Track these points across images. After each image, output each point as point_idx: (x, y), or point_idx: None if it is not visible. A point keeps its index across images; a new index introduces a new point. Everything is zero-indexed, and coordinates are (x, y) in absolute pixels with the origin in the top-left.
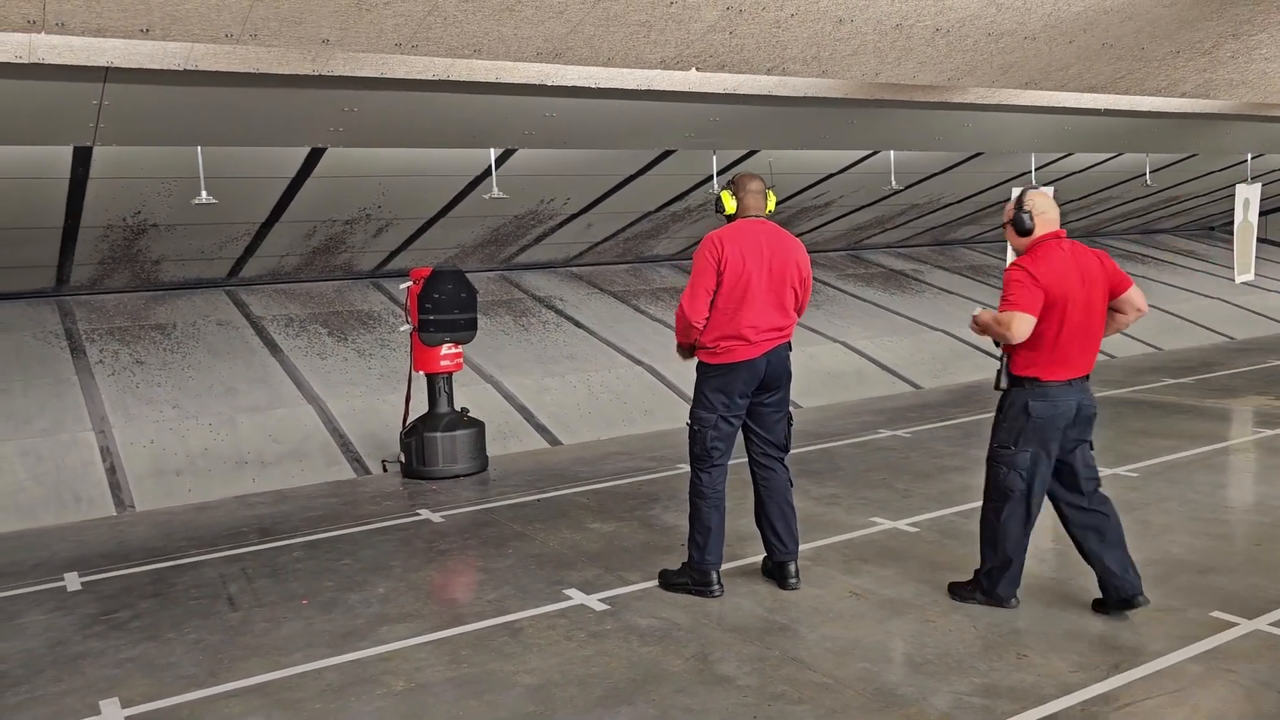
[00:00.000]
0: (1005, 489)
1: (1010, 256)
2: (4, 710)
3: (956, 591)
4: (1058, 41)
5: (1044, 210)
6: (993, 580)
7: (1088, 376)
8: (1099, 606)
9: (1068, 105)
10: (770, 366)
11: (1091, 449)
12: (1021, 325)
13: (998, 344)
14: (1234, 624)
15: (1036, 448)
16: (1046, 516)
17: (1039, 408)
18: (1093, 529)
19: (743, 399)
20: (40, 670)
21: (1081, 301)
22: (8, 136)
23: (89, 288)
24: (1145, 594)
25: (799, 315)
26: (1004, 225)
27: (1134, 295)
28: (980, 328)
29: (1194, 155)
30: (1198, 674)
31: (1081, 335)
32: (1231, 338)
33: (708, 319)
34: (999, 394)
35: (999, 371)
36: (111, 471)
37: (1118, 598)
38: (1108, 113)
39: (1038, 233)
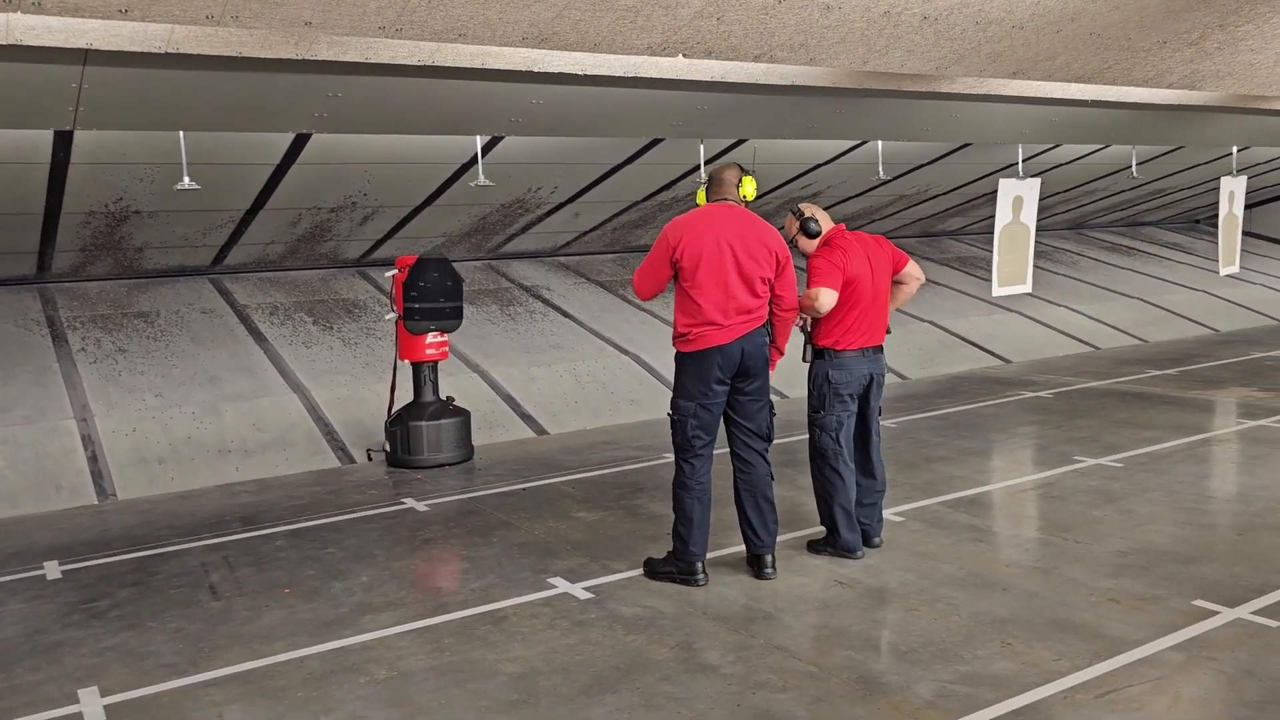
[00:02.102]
0: (820, 449)
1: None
2: None
3: (814, 548)
4: (1045, 31)
5: (820, 216)
6: (837, 534)
7: (880, 347)
8: (813, 547)
9: (1055, 96)
10: (746, 354)
11: (880, 414)
12: (827, 298)
13: (805, 332)
14: (1216, 612)
15: (840, 411)
16: (1031, 507)
17: (838, 375)
18: (862, 484)
19: (720, 385)
20: (18, 659)
21: (869, 281)
22: None
23: (71, 275)
24: (880, 538)
25: (786, 302)
26: (792, 238)
27: (912, 268)
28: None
29: (1180, 148)
30: (1180, 662)
31: (871, 309)
32: (1216, 330)
33: (674, 301)
34: (806, 365)
35: (805, 346)
36: (93, 460)
37: (842, 549)
38: (1095, 104)
39: (824, 232)
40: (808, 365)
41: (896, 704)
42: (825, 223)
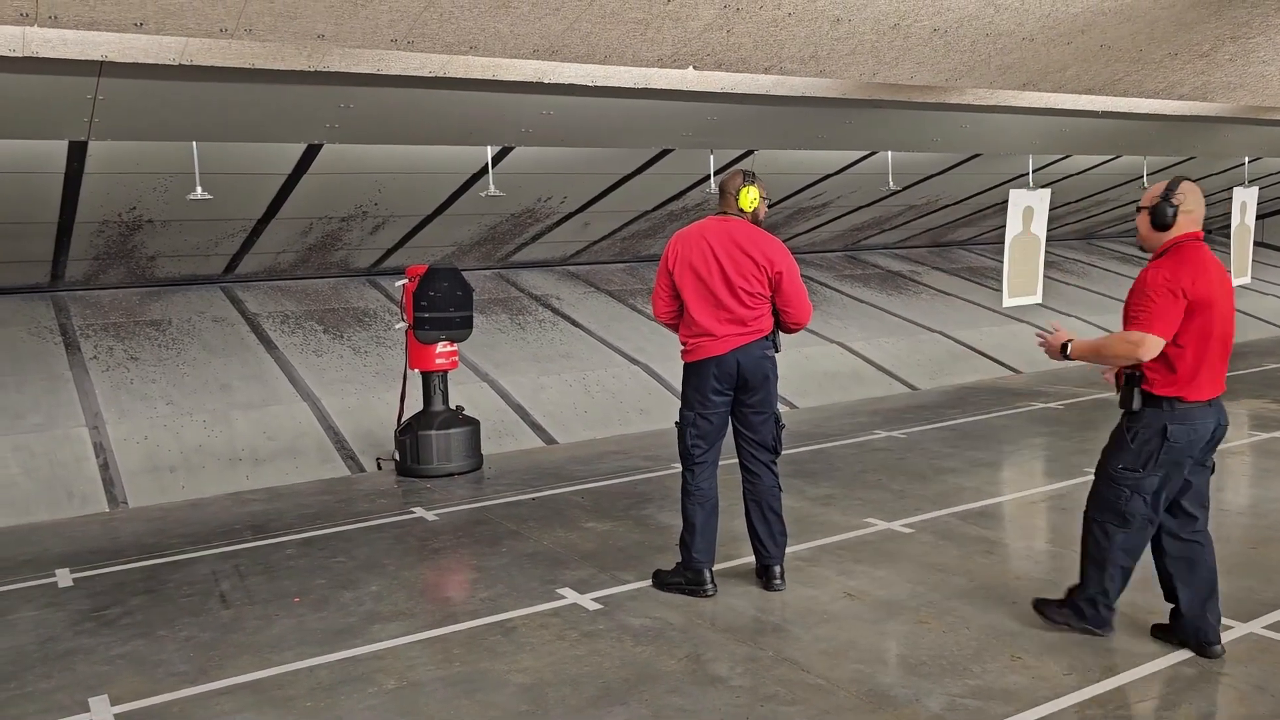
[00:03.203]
0: (1125, 514)
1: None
2: None
3: (1045, 611)
4: (1055, 43)
5: (1191, 208)
6: (1095, 607)
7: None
8: (1159, 633)
9: (1065, 107)
10: (742, 366)
11: (1211, 472)
12: (1153, 348)
13: (1131, 374)
14: (1228, 627)
15: (1167, 472)
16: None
17: (1179, 432)
18: (1185, 560)
19: (718, 396)
20: (30, 667)
21: (1223, 312)
22: (2, 130)
23: (84, 283)
24: (1223, 645)
25: (793, 317)
26: (1138, 210)
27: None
28: (1075, 353)
29: (1191, 158)
30: (1191, 677)
31: (1224, 349)
32: None
33: (678, 316)
34: (1123, 410)
35: (1129, 389)
36: (105, 468)
37: (1195, 641)
38: (1105, 114)
39: (1176, 232)
40: (1126, 410)
41: (906, 717)
42: (1187, 223)
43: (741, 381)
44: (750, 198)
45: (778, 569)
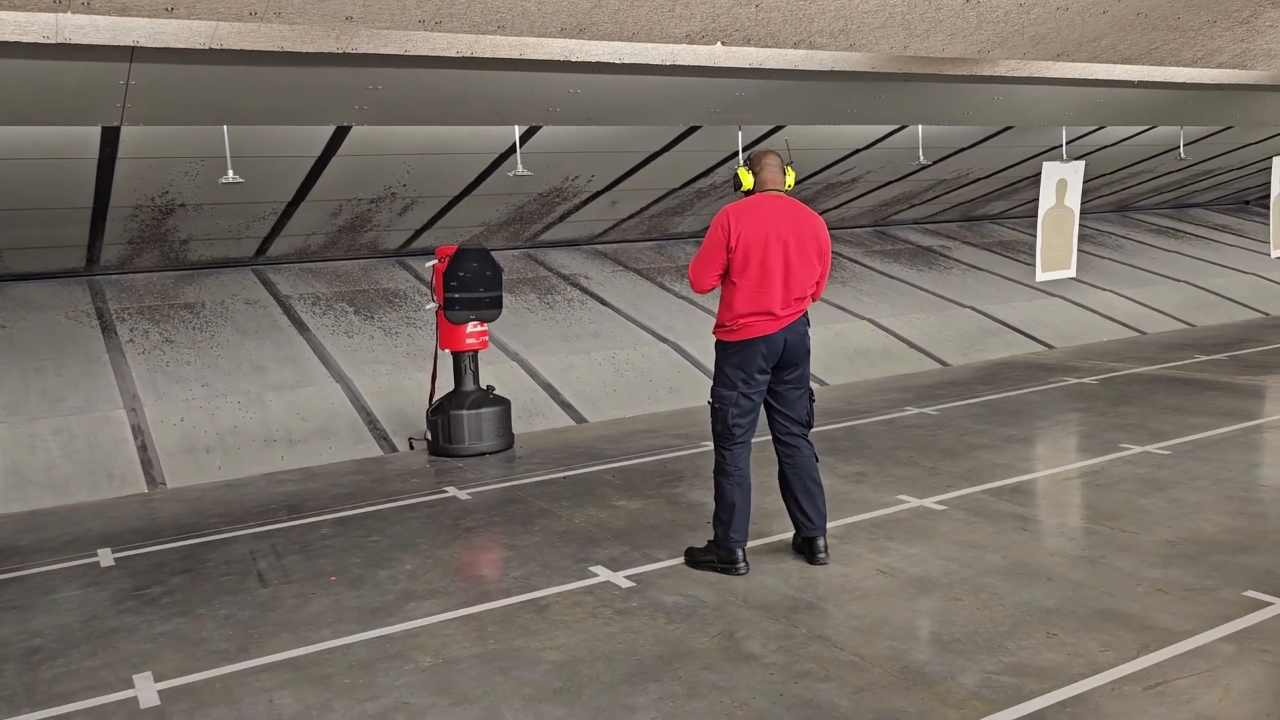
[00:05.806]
0: None
1: None
2: (39, 684)
3: None
4: (1091, 12)
5: None
6: None
7: None
8: None
9: (1100, 77)
10: (788, 344)
11: None
12: None
13: None
14: (1268, 603)
15: None
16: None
17: None
18: None
19: (762, 375)
20: (74, 645)
21: None
22: (37, 117)
23: (119, 267)
24: None
25: (819, 289)
26: None
27: None
28: None
29: (1229, 128)
30: (1230, 654)
31: None
32: (1266, 313)
33: (720, 292)
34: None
35: None
36: (143, 449)
37: None
38: (1141, 84)
39: None
40: None
41: (940, 694)
42: None
43: (785, 359)
44: (792, 177)
45: (822, 541)
